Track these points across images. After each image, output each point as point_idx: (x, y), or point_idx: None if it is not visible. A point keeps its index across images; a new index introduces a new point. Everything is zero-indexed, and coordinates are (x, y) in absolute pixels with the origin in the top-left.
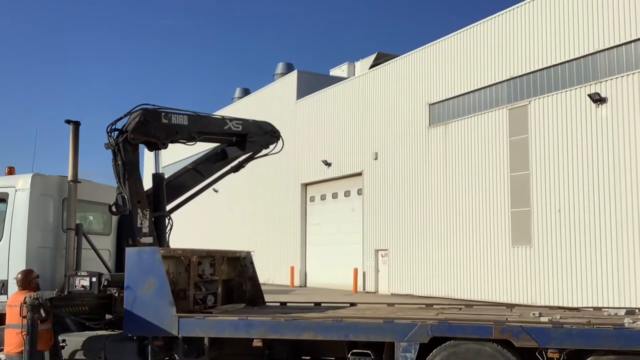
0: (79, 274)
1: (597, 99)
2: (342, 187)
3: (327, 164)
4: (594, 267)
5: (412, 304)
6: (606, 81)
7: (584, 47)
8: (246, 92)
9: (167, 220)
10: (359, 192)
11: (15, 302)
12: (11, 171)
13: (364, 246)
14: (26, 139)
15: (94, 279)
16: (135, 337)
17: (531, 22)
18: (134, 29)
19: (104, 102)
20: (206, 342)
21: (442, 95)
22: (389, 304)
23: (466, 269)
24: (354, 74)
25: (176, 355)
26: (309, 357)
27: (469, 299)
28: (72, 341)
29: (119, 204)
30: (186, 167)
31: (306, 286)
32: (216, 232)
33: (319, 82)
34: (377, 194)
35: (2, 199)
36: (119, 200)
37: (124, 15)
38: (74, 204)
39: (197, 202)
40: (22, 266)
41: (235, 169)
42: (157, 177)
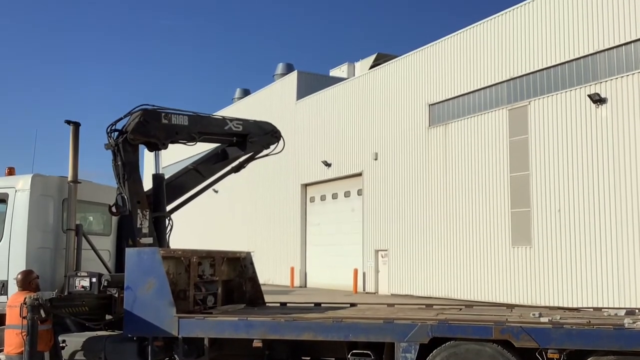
0: (79, 274)
1: (597, 100)
2: (342, 188)
3: (327, 165)
4: (594, 267)
5: (412, 305)
6: (606, 82)
7: (583, 47)
8: (246, 92)
9: (167, 220)
10: (359, 192)
11: (15, 303)
12: (11, 172)
13: (364, 247)
14: (26, 139)
15: (94, 280)
16: (135, 338)
17: (531, 23)
18: (134, 29)
19: (104, 103)
20: (206, 342)
21: (442, 95)
22: (389, 305)
23: (466, 270)
24: (354, 75)
25: (176, 355)
26: (309, 358)
27: (469, 299)
28: (72, 342)
29: (119, 204)
30: (186, 167)
31: (306, 287)
32: (216, 232)
33: (319, 83)
34: (377, 195)
35: (2, 200)
36: (118, 200)
37: (124, 15)
38: (74, 205)
39: (197, 202)
40: (22, 267)
41: (236, 170)
42: (157, 178)
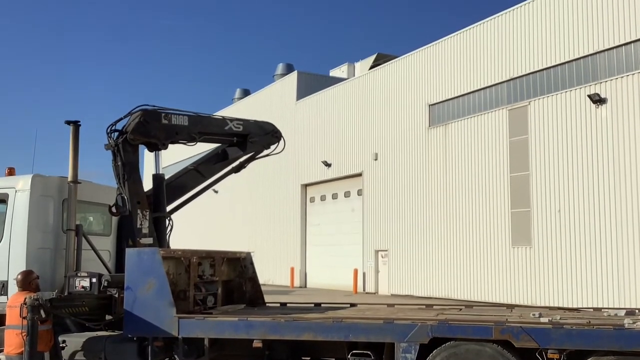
0: (79, 274)
1: (597, 100)
2: (342, 188)
3: (327, 165)
4: (594, 268)
5: (412, 305)
6: (606, 82)
7: (583, 47)
8: (246, 92)
9: (167, 221)
10: (359, 192)
11: (15, 303)
12: (11, 172)
13: (364, 247)
14: (26, 139)
15: (94, 280)
16: (135, 338)
17: (531, 23)
18: (134, 29)
19: (104, 103)
20: (206, 342)
21: (442, 95)
22: (389, 305)
23: (466, 270)
24: (354, 75)
25: (176, 356)
26: (309, 358)
27: (469, 299)
28: (72, 342)
29: (119, 204)
30: (187, 167)
31: (306, 287)
32: (216, 232)
33: (319, 83)
34: (377, 195)
35: (2, 200)
36: (118, 201)
37: (124, 15)
38: (74, 205)
39: (197, 202)
40: (22, 267)
41: (236, 170)
42: (157, 178)
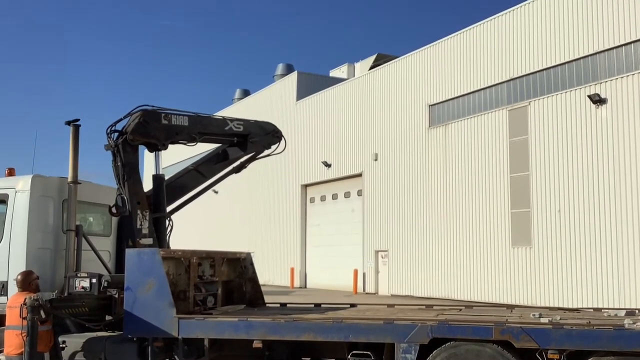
0: (79, 275)
1: (597, 100)
2: (342, 188)
3: (327, 165)
4: (594, 268)
5: (412, 305)
6: (606, 82)
7: (583, 48)
8: (246, 93)
9: (167, 221)
10: (359, 193)
11: (15, 304)
12: (11, 172)
13: (364, 247)
14: (26, 140)
15: (94, 280)
16: (135, 339)
17: (531, 23)
18: (133, 29)
19: (104, 103)
20: (206, 343)
21: (442, 96)
22: (389, 305)
23: (466, 270)
24: (354, 75)
25: (176, 356)
26: (309, 359)
27: (469, 299)
28: (72, 342)
29: (119, 205)
30: (187, 168)
31: (306, 287)
32: (216, 233)
33: (319, 83)
34: (377, 195)
35: (2, 201)
36: (118, 201)
37: (124, 15)
38: (74, 205)
39: (197, 203)
40: (22, 267)
41: (236, 170)
42: (158, 178)
